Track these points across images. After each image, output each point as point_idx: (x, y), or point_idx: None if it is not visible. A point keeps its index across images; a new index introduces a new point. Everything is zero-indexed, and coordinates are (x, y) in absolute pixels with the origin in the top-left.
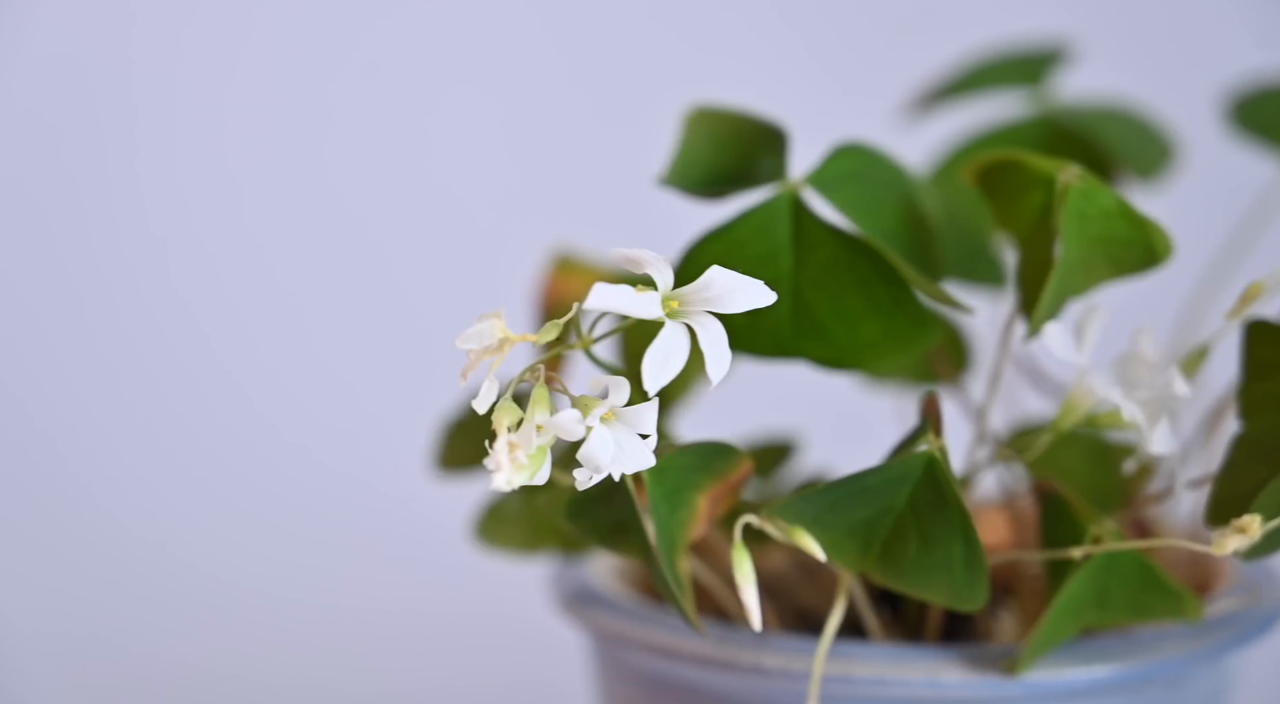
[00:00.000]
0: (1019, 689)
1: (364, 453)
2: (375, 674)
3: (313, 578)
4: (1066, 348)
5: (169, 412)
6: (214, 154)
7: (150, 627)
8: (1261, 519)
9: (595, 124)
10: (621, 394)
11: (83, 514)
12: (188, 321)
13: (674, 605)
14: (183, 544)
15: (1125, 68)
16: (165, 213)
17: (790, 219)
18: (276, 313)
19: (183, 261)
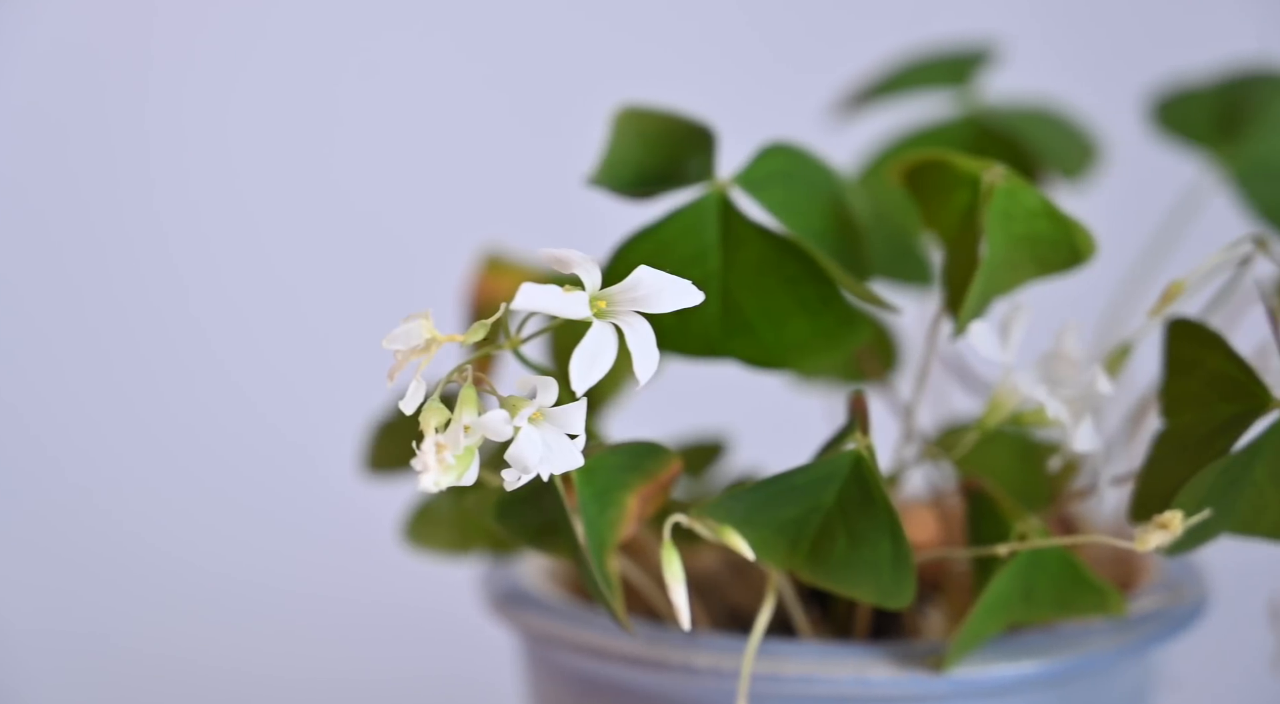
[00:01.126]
0: (946, 686)
1: (313, 447)
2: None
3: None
4: (992, 346)
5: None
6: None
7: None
8: (1183, 515)
9: (529, 124)
10: (550, 394)
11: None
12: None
13: (603, 605)
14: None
15: (1051, 68)
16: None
17: (718, 219)
18: (222, 312)
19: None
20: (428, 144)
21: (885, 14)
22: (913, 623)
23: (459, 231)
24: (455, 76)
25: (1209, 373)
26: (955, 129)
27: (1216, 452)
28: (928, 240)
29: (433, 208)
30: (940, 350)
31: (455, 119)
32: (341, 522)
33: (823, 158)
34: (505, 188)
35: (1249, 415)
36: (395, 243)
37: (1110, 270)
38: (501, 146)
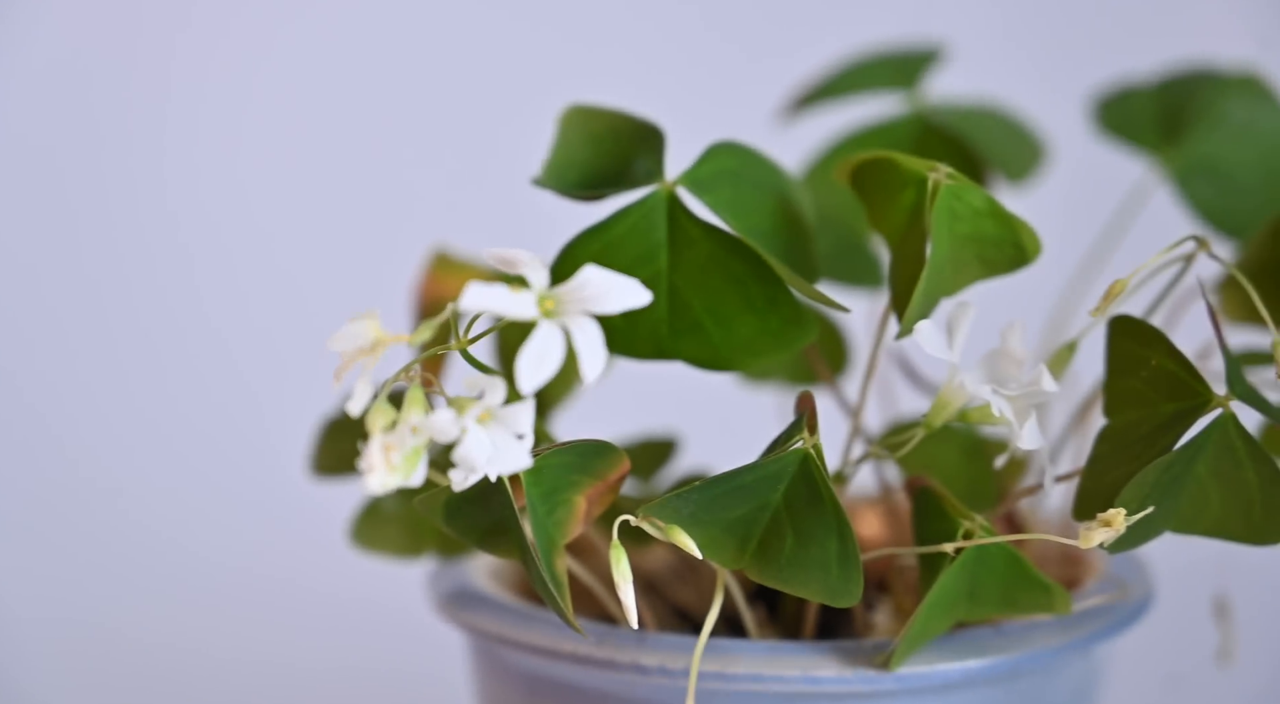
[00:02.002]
0: (893, 683)
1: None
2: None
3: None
4: (938, 345)
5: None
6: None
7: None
8: (1126, 512)
9: (484, 124)
10: (497, 395)
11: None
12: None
13: (552, 605)
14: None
15: (998, 69)
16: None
17: (666, 218)
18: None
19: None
20: (383, 145)
21: (834, 15)
22: (861, 621)
23: (417, 232)
24: (408, 76)
25: (1151, 371)
26: (902, 129)
27: (1159, 449)
28: (876, 240)
29: (390, 208)
30: (888, 350)
31: (409, 120)
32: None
33: (771, 158)
34: (464, 188)
35: (1191, 413)
36: (357, 244)
37: (1058, 269)
38: (458, 147)
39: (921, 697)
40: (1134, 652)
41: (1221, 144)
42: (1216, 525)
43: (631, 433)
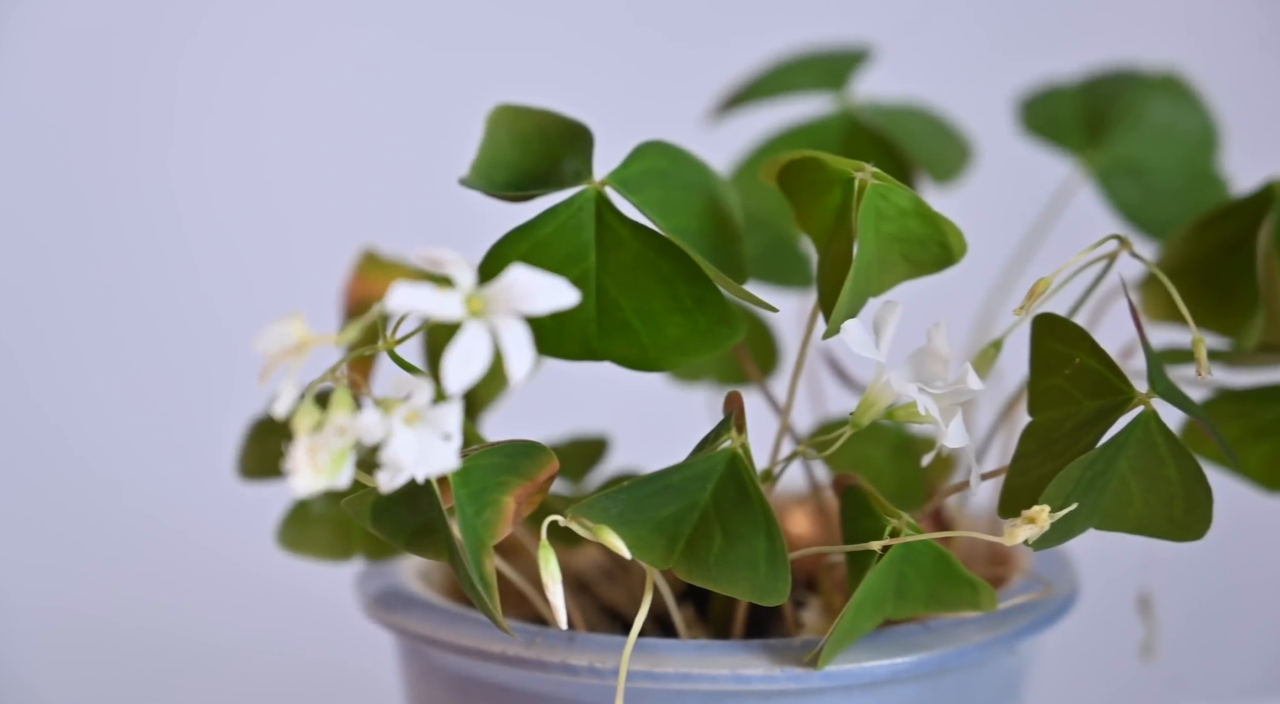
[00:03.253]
0: (821, 681)
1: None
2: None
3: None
4: (864, 345)
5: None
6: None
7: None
8: (1049, 509)
9: (416, 124)
10: (424, 395)
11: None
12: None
13: (480, 606)
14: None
15: (926, 70)
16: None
17: (595, 218)
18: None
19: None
20: (311, 146)
21: (763, 15)
22: (791, 619)
23: (349, 232)
24: (337, 77)
25: (1075, 369)
26: (830, 129)
27: (1082, 446)
28: (806, 240)
29: (321, 208)
30: (817, 349)
31: (338, 120)
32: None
33: (700, 158)
34: (396, 189)
35: (1113, 410)
36: (283, 249)
37: (985, 268)
38: (389, 146)
39: (850, 694)
40: (1059, 647)
41: (1143, 144)
42: (1139, 522)
43: (563, 433)
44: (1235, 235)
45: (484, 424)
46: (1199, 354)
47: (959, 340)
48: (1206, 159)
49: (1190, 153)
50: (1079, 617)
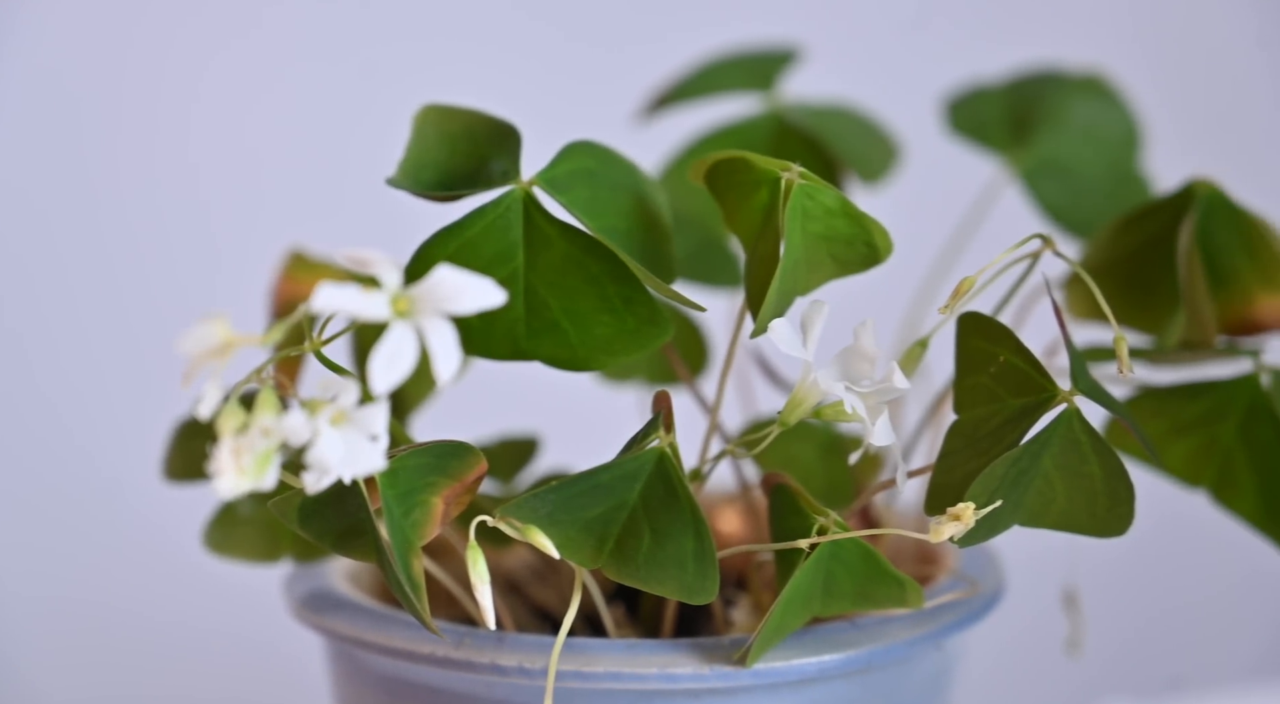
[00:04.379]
0: (749, 679)
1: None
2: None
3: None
4: (792, 343)
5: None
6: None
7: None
8: (974, 506)
9: (346, 123)
10: (350, 396)
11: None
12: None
13: (408, 608)
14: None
15: (854, 70)
16: None
17: (523, 218)
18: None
19: None
20: (240, 146)
21: (691, 15)
22: (721, 618)
23: (283, 234)
24: (265, 77)
25: (999, 367)
26: (758, 129)
27: (1007, 444)
28: (735, 240)
29: (256, 210)
30: (747, 349)
31: (266, 120)
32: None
33: (628, 157)
34: (326, 189)
35: (1037, 408)
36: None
37: (913, 267)
38: (319, 146)
39: (778, 691)
40: (987, 643)
41: (1067, 144)
42: (1063, 518)
43: (493, 433)
44: (1157, 234)
45: (413, 425)
46: (1120, 352)
47: (887, 339)
48: (1129, 159)
49: (1113, 153)
50: (1006, 612)
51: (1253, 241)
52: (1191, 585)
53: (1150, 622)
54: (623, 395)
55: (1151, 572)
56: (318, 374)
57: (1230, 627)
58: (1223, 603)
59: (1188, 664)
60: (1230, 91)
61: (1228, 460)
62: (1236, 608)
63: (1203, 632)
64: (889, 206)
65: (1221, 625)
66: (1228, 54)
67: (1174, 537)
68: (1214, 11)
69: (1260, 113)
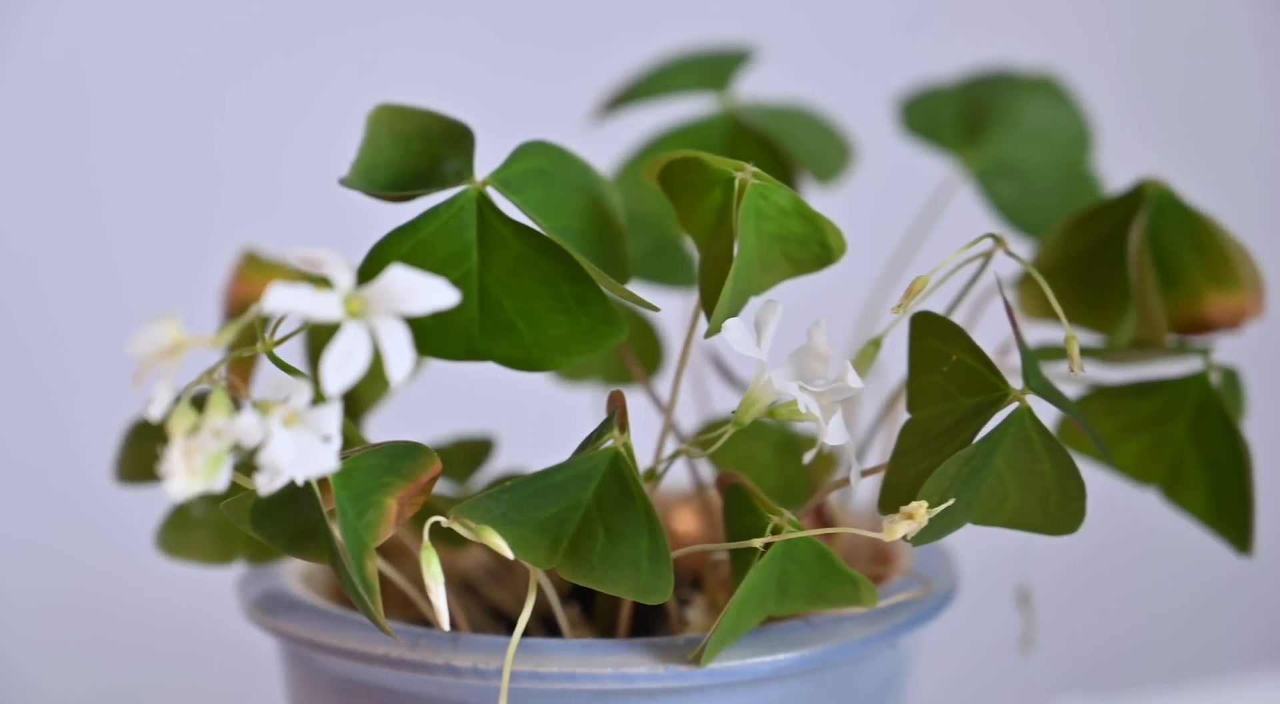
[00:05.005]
0: (704, 678)
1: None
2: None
3: None
4: (746, 343)
5: None
6: None
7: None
8: (927, 505)
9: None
10: (302, 397)
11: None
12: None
13: (362, 609)
14: None
15: (808, 71)
16: None
17: (476, 218)
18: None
19: None
20: (195, 145)
21: (645, 15)
22: (676, 617)
23: (237, 234)
24: (220, 77)
25: (952, 366)
26: (713, 129)
27: (959, 443)
28: (690, 240)
29: (211, 210)
30: (702, 348)
31: (221, 120)
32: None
33: (582, 157)
34: (281, 189)
35: (989, 407)
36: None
37: (868, 267)
38: (274, 146)
39: (733, 691)
40: (940, 641)
41: (1020, 144)
42: (1015, 516)
43: (449, 433)
44: (1108, 234)
45: (368, 425)
46: (1071, 351)
47: (842, 339)
48: (1080, 159)
49: (1065, 153)
50: (960, 611)
51: (1202, 241)
52: (1143, 583)
53: (1103, 619)
54: (579, 395)
55: (1104, 569)
56: (272, 375)
57: (1182, 624)
58: (1175, 600)
59: (1140, 661)
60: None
61: (1178, 458)
62: (1188, 605)
63: (1155, 628)
64: (843, 206)
65: (1174, 622)
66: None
67: (1126, 535)
68: (1172, 10)
69: (1219, 110)
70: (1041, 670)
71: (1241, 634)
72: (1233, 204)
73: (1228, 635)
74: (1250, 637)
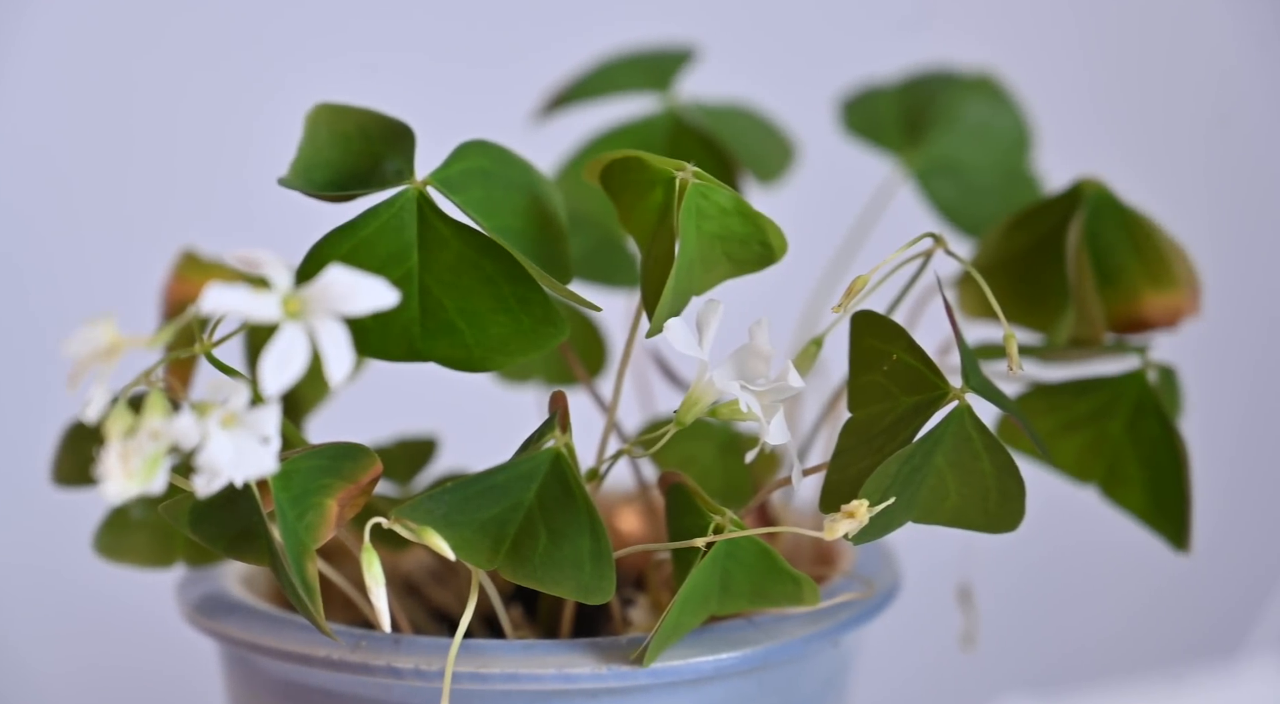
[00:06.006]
0: (647, 678)
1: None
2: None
3: None
4: (687, 343)
5: None
6: None
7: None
8: (868, 503)
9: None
10: (240, 398)
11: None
12: None
13: (302, 611)
14: None
15: (750, 71)
16: None
17: (417, 218)
18: None
19: None
20: (138, 145)
21: (586, 16)
22: (619, 617)
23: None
24: (162, 75)
25: (892, 365)
26: (655, 129)
27: (900, 441)
28: (633, 239)
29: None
30: (646, 348)
31: (164, 119)
32: None
33: (523, 157)
34: (221, 189)
35: (929, 405)
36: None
37: (811, 266)
38: (217, 147)
39: (675, 690)
40: (882, 639)
41: (959, 144)
42: (956, 515)
43: (391, 434)
44: (1046, 233)
45: (310, 426)
46: (1010, 349)
47: (784, 338)
48: (1019, 158)
49: (1004, 152)
50: (902, 609)
51: (1139, 240)
52: (1084, 581)
53: (1045, 617)
54: (523, 396)
55: (1045, 567)
56: (211, 377)
57: (1124, 620)
58: (1115, 598)
59: (1081, 658)
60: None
61: (1116, 456)
62: (1128, 603)
63: (1096, 626)
64: (785, 206)
65: (1114, 620)
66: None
67: (1067, 532)
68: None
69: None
70: (984, 668)
71: (1182, 631)
72: (1170, 203)
73: (1168, 633)
74: (1190, 634)
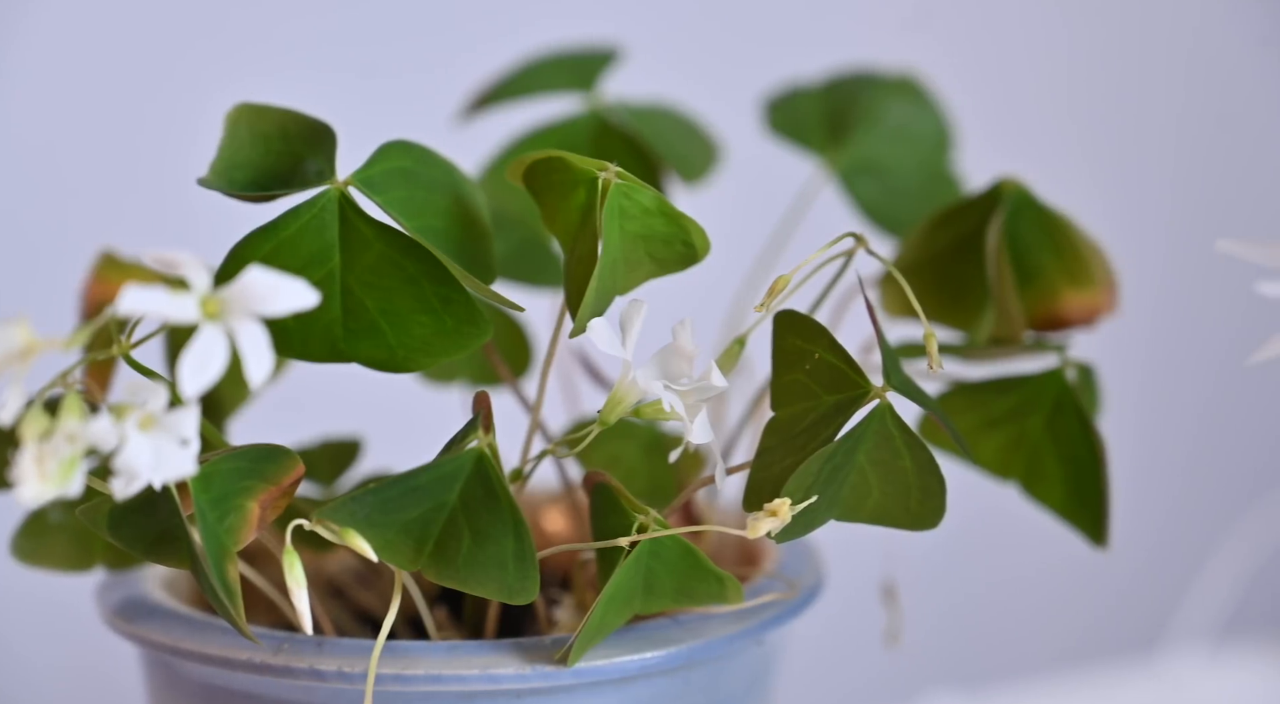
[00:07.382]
0: (571, 678)
1: None
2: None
3: None
4: (611, 343)
5: None
6: None
7: None
8: (791, 502)
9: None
10: (159, 400)
11: None
12: None
13: (223, 614)
14: None
15: (675, 72)
16: None
17: (338, 218)
18: None
19: None
20: (56, 144)
21: (511, 15)
22: (545, 618)
23: (97, 235)
24: (81, 72)
25: (814, 364)
26: (580, 129)
27: (822, 440)
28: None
29: (69, 210)
30: (570, 348)
31: (83, 118)
32: None
33: (446, 157)
34: (141, 190)
35: (851, 404)
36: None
37: (736, 266)
38: (138, 148)
39: (600, 689)
40: (807, 637)
41: (881, 144)
42: (878, 512)
43: (315, 435)
44: (967, 233)
45: (232, 428)
46: (930, 348)
47: (709, 338)
48: (941, 159)
49: (925, 153)
50: (826, 606)
51: (1057, 239)
52: (1006, 576)
53: (968, 612)
54: (448, 396)
55: (968, 563)
56: (131, 379)
57: (1045, 615)
58: (1037, 593)
59: (1004, 653)
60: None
61: (1036, 453)
62: (1050, 597)
63: (1020, 621)
64: (709, 206)
65: (1037, 614)
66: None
67: (989, 528)
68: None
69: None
70: (908, 665)
71: (1102, 626)
72: (1088, 202)
73: (1089, 627)
74: (1110, 628)
